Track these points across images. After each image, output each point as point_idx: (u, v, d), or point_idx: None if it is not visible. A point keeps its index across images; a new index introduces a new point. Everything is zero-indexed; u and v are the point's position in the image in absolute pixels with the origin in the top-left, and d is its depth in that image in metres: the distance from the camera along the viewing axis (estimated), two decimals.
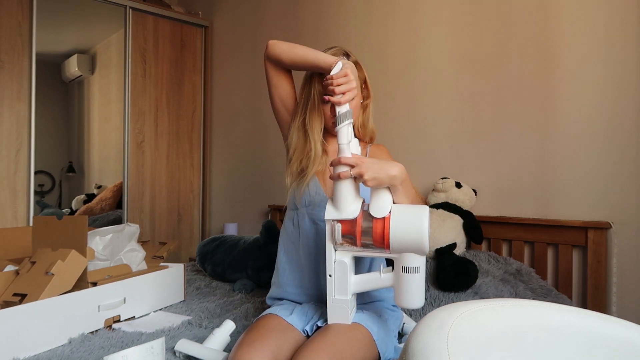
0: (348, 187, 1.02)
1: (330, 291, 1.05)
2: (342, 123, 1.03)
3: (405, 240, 0.97)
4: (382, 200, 1.00)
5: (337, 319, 1.06)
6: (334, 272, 1.04)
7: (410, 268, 0.99)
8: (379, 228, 0.98)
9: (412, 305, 1.00)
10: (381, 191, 1.01)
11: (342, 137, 1.03)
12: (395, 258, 1.01)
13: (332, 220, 1.03)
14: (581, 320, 0.74)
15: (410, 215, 0.98)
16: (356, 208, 1.02)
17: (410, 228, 0.96)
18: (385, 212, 0.99)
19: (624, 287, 1.61)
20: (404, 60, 2.22)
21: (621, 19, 1.61)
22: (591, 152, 1.68)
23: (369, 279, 1.05)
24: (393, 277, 1.02)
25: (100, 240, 1.64)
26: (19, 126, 2.57)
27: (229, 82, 3.22)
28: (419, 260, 0.99)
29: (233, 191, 3.18)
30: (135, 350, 1.06)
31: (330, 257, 1.04)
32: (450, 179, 1.92)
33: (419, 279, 1.00)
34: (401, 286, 1.00)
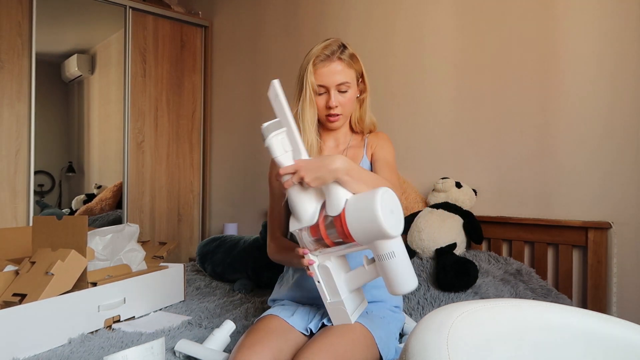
0: (299, 195, 1.00)
1: (323, 296, 1.04)
2: (267, 137, 0.99)
3: (365, 229, 0.92)
4: (335, 197, 0.97)
5: (339, 321, 1.05)
6: (320, 278, 1.03)
7: (385, 255, 0.93)
8: (339, 225, 0.95)
9: (403, 290, 0.94)
10: (331, 187, 0.98)
11: (274, 150, 1.00)
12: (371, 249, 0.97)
13: (297, 231, 1.01)
14: (581, 320, 0.74)
15: (362, 203, 0.93)
16: (314, 212, 1.00)
17: (364, 216, 0.91)
18: (340, 207, 0.95)
19: (624, 287, 1.61)
20: (404, 60, 2.22)
21: (620, 19, 1.61)
22: (591, 152, 1.68)
23: (358, 275, 1.03)
24: (378, 268, 0.98)
25: (100, 240, 1.64)
26: (19, 126, 2.57)
27: (229, 82, 3.22)
28: (392, 244, 0.93)
29: (233, 191, 3.18)
30: (135, 350, 1.06)
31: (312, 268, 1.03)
32: (450, 179, 1.92)
33: (398, 263, 0.94)
34: (385, 275, 0.95)
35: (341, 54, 1.20)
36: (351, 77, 1.22)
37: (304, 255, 1.01)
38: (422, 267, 1.73)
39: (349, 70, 1.21)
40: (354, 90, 1.24)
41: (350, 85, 1.21)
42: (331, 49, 1.20)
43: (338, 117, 1.22)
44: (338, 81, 1.19)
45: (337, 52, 1.20)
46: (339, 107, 1.21)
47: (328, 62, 1.19)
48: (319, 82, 1.19)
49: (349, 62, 1.21)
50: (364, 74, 1.27)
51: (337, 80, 1.19)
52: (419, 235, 1.78)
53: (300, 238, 1.02)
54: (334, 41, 1.22)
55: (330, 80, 1.19)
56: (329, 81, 1.19)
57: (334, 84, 1.19)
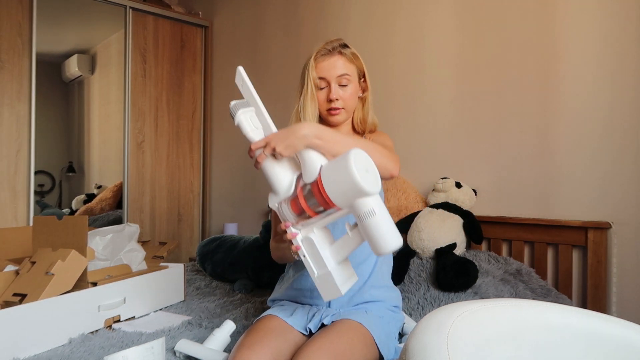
0: (274, 167, 0.99)
1: (310, 271, 1.00)
2: (236, 114, 0.99)
3: (343, 190, 0.90)
4: (310, 164, 0.96)
5: (329, 295, 1.00)
6: (305, 251, 0.99)
7: (365, 214, 0.91)
8: (317, 191, 0.93)
9: (388, 248, 0.91)
10: (305, 155, 0.97)
11: (245, 127, 1.00)
12: (352, 212, 0.94)
13: (276, 205, 0.99)
14: (581, 320, 0.74)
15: (337, 164, 0.92)
16: (291, 183, 0.99)
17: (340, 177, 0.90)
18: (315, 173, 0.94)
19: (624, 287, 1.61)
20: (404, 60, 2.22)
21: (620, 19, 1.61)
22: (591, 152, 1.68)
23: (343, 244, 0.99)
24: (361, 230, 0.95)
25: (100, 240, 1.64)
26: (19, 126, 2.57)
27: (229, 82, 3.22)
28: (371, 202, 0.91)
29: (233, 191, 3.18)
30: (135, 350, 1.06)
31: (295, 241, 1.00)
32: (450, 179, 1.92)
33: (380, 221, 0.91)
34: (368, 235, 0.93)
35: (343, 50, 1.23)
36: (352, 72, 1.23)
37: (287, 229, 0.99)
38: (422, 267, 1.73)
39: (350, 65, 1.24)
40: (355, 86, 1.25)
41: (350, 79, 1.22)
42: (333, 45, 1.23)
43: (339, 111, 1.23)
44: (338, 73, 1.20)
45: (339, 48, 1.23)
46: (339, 101, 1.22)
47: (329, 56, 1.22)
48: (320, 75, 1.21)
49: (351, 58, 1.24)
50: (365, 73, 1.28)
51: (338, 72, 1.20)
52: (419, 235, 1.78)
53: (281, 213, 0.99)
54: (336, 39, 1.25)
55: (331, 72, 1.20)
56: (330, 74, 1.20)
57: (335, 76, 1.20)
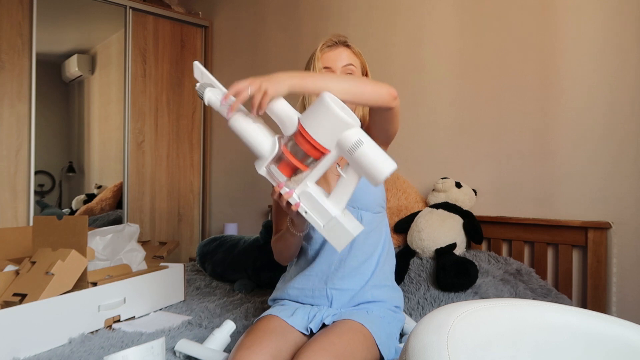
0: (253, 127, 0.96)
1: (316, 225, 0.98)
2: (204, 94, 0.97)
3: (327, 128, 0.91)
4: (285, 116, 0.94)
5: (341, 242, 0.98)
6: (305, 206, 0.97)
7: (353, 145, 0.91)
8: (302, 141, 0.93)
9: (385, 173, 0.90)
10: (277, 109, 0.95)
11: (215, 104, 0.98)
12: (340, 151, 0.94)
13: (264, 170, 0.97)
14: (581, 320, 0.74)
15: (314, 108, 0.92)
16: (273, 143, 0.97)
17: (321, 117, 0.91)
18: (295, 123, 0.93)
19: (624, 287, 1.61)
20: (404, 60, 2.22)
21: (621, 19, 1.61)
22: (591, 152, 1.68)
23: (340, 188, 0.97)
24: (353, 167, 0.95)
25: (100, 240, 1.64)
26: (19, 126, 2.57)
27: (229, 82, 3.21)
28: (356, 132, 0.92)
29: (233, 191, 3.18)
30: (135, 350, 1.06)
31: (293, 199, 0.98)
32: (450, 179, 1.92)
33: (368, 149, 0.91)
34: (362, 166, 0.92)
35: (347, 42, 1.27)
36: (357, 65, 1.26)
37: (280, 190, 0.97)
38: (422, 267, 1.73)
39: (355, 58, 1.26)
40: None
41: (355, 70, 1.24)
42: (339, 38, 1.26)
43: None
44: (344, 63, 1.22)
45: (344, 41, 1.26)
46: None
47: (335, 47, 1.25)
48: (325, 64, 1.22)
49: (356, 52, 1.27)
50: (367, 72, 1.30)
51: (343, 62, 1.22)
52: (419, 235, 1.78)
53: (270, 176, 0.98)
54: (336, 36, 1.28)
55: (337, 63, 1.22)
56: (335, 64, 1.22)
57: (340, 66, 1.22)
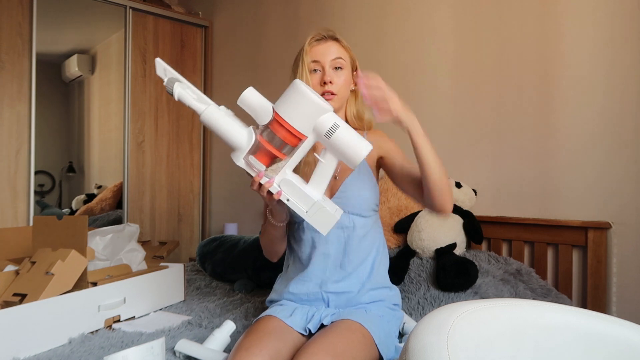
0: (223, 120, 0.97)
1: (299, 211, 0.99)
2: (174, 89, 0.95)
3: (303, 114, 0.93)
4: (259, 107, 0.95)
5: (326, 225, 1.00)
6: (287, 195, 0.99)
7: (330, 129, 0.95)
8: (279, 127, 0.94)
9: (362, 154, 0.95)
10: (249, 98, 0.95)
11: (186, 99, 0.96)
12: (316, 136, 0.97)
13: (242, 161, 0.98)
14: (581, 320, 0.74)
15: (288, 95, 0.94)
16: (249, 133, 0.97)
17: (296, 103, 0.93)
18: (270, 111, 0.95)
19: (624, 287, 1.61)
20: (404, 59, 2.22)
21: (622, 21, 1.61)
22: (591, 152, 1.68)
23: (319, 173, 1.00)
24: (330, 151, 0.98)
25: (100, 240, 1.64)
26: (19, 126, 2.57)
27: (229, 82, 3.22)
28: (331, 117, 0.95)
29: (233, 191, 3.18)
30: (135, 350, 1.06)
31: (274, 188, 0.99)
32: (450, 179, 1.92)
33: (344, 132, 0.95)
34: (340, 149, 0.96)
35: (336, 36, 1.25)
36: (346, 58, 1.24)
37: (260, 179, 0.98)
38: (422, 267, 1.73)
39: (345, 52, 1.25)
40: (348, 73, 1.24)
41: (345, 64, 1.23)
42: (327, 32, 1.25)
43: (332, 97, 1.20)
44: (333, 56, 1.21)
45: (333, 35, 1.25)
46: (334, 85, 1.20)
47: (324, 41, 1.23)
48: (313, 58, 1.21)
49: (346, 45, 1.26)
50: (357, 67, 1.29)
51: (332, 56, 1.21)
52: (419, 235, 1.78)
53: (250, 166, 0.99)
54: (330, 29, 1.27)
55: (325, 57, 1.21)
56: (324, 58, 1.21)
57: (329, 60, 1.21)
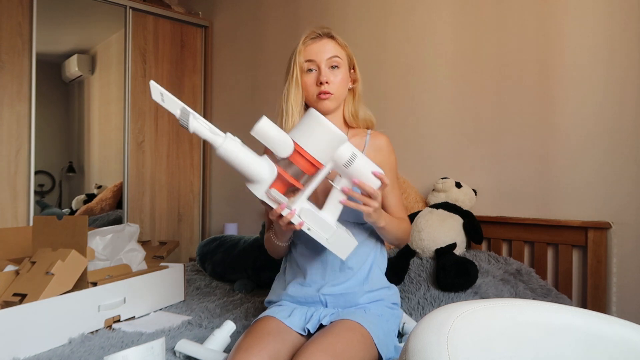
0: (243, 154, 0.96)
1: (320, 239, 1.01)
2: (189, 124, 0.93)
3: (323, 145, 0.95)
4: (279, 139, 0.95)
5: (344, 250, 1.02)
6: (308, 224, 1.00)
7: (349, 159, 0.98)
8: (300, 159, 0.95)
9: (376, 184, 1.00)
10: (270, 132, 0.95)
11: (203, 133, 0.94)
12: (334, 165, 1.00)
13: (264, 195, 0.98)
14: (581, 320, 0.74)
15: (307, 126, 0.95)
16: (268, 165, 0.97)
17: (317, 134, 0.94)
18: (290, 143, 0.95)
19: (624, 287, 1.61)
20: (404, 59, 2.22)
21: (622, 20, 1.61)
22: (591, 152, 1.68)
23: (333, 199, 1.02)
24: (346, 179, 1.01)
25: (100, 240, 1.64)
26: (19, 126, 2.57)
27: (229, 82, 3.22)
28: (349, 147, 0.99)
29: (233, 191, 3.18)
30: (135, 350, 1.06)
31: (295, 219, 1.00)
32: (450, 179, 1.92)
33: (362, 162, 1.00)
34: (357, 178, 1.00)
35: (332, 33, 1.21)
36: (343, 57, 1.21)
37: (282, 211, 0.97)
38: (422, 267, 1.73)
39: (341, 50, 1.21)
40: (345, 71, 1.21)
41: (341, 62, 1.19)
42: (323, 30, 1.21)
43: (329, 96, 1.18)
44: (329, 55, 1.18)
45: (328, 33, 1.21)
46: (330, 85, 1.18)
47: (319, 39, 1.20)
48: (308, 58, 1.18)
49: (342, 44, 1.22)
50: (355, 65, 1.25)
51: (328, 55, 1.18)
52: (419, 235, 1.78)
53: (272, 199, 0.98)
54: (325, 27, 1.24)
55: (321, 55, 1.18)
56: (320, 57, 1.18)
57: (325, 58, 1.18)
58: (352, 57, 1.25)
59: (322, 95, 1.18)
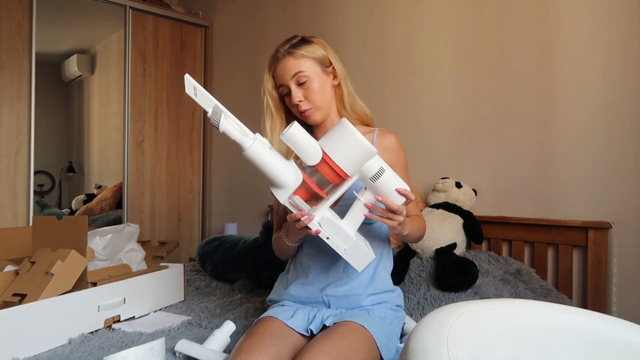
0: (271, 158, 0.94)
1: (338, 249, 1.01)
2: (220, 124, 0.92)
3: (352, 156, 0.94)
4: (308, 146, 0.94)
5: (362, 262, 1.02)
6: (327, 233, 0.99)
7: (376, 174, 0.98)
8: (327, 169, 0.95)
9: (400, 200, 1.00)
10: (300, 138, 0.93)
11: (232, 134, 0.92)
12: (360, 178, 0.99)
13: (287, 201, 0.97)
14: (581, 320, 0.74)
15: (338, 136, 0.95)
16: (294, 171, 0.96)
17: (347, 146, 0.93)
18: (319, 151, 0.94)
19: (624, 287, 1.61)
20: (404, 59, 2.22)
21: (622, 19, 1.61)
22: (591, 152, 1.68)
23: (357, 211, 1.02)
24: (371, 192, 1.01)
25: (100, 240, 1.64)
26: (19, 126, 2.57)
27: (229, 82, 3.22)
28: (378, 160, 0.99)
29: (233, 191, 3.18)
30: (135, 350, 1.06)
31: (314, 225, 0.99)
32: (450, 179, 1.92)
33: (389, 176, 0.99)
34: (380, 193, 0.99)
35: (291, 48, 1.17)
36: (307, 67, 1.16)
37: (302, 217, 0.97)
38: (422, 267, 1.73)
39: (302, 60, 1.16)
40: (317, 79, 1.17)
41: (307, 74, 1.16)
42: (279, 50, 1.19)
43: (307, 111, 1.17)
44: (291, 73, 1.16)
45: (285, 48, 1.18)
46: (304, 102, 1.17)
47: (278, 62, 1.18)
48: (278, 83, 1.19)
49: (302, 54, 1.17)
50: (330, 60, 1.21)
51: (290, 73, 1.16)
52: None
53: (293, 205, 0.98)
54: (282, 42, 1.21)
55: (285, 76, 1.17)
56: (285, 79, 1.17)
57: (289, 78, 1.16)
58: (321, 57, 1.19)
59: (303, 113, 1.18)
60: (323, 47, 1.21)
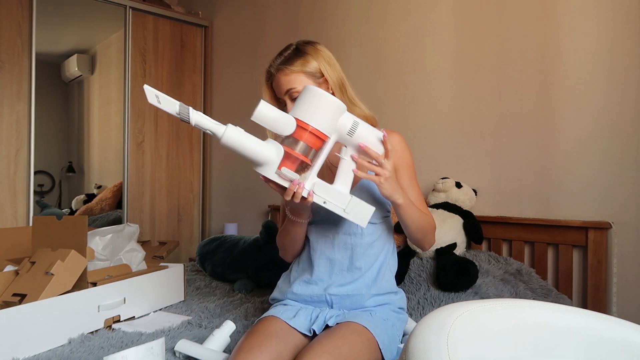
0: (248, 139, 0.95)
1: (337, 210, 1.01)
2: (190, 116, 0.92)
3: (325, 116, 0.97)
4: (278, 118, 0.95)
5: (362, 218, 1.02)
6: (323, 196, 1.00)
7: (352, 127, 1.00)
8: (304, 134, 0.96)
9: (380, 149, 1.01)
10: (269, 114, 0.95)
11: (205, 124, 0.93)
12: (338, 136, 1.01)
13: (275, 175, 0.98)
14: (581, 320, 0.74)
15: (306, 101, 0.97)
16: (274, 146, 0.97)
17: (318, 107, 0.97)
18: (292, 121, 0.96)
19: (624, 287, 1.61)
20: (404, 60, 2.22)
21: (622, 20, 1.61)
22: (591, 152, 1.68)
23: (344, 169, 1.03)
24: (352, 148, 1.03)
25: (100, 240, 1.64)
26: (19, 126, 2.57)
27: (229, 82, 3.22)
28: (349, 117, 1.01)
29: (233, 191, 3.18)
30: (135, 350, 1.06)
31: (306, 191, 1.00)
32: (450, 179, 1.92)
33: (365, 127, 1.02)
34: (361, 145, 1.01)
35: (281, 65, 1.19)
36: (298, 82, 1.17)
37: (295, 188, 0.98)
38: (422, 267, 1.73)
39: (292, 76, 1.17)
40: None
41: (299, 90, 1.16)
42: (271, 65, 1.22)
43: None
44: (284, 90, 1.19)
45: (277, 63, 1.20)
46: None
47: (273, 77, 1.21)
48: (277, 95, 1.22)
49: (291, 70, 1.17)
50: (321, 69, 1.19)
51: (283, 90, 1.19)
52: None
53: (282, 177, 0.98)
54: (275, 56, 1.23)
55: (279, 91, 1.21)
56: (279, 93, 1.21)
57: (283, 93, 1.20)
58: (313, 70, 1.18)
59: None
60: (315, 56, 1.19)
